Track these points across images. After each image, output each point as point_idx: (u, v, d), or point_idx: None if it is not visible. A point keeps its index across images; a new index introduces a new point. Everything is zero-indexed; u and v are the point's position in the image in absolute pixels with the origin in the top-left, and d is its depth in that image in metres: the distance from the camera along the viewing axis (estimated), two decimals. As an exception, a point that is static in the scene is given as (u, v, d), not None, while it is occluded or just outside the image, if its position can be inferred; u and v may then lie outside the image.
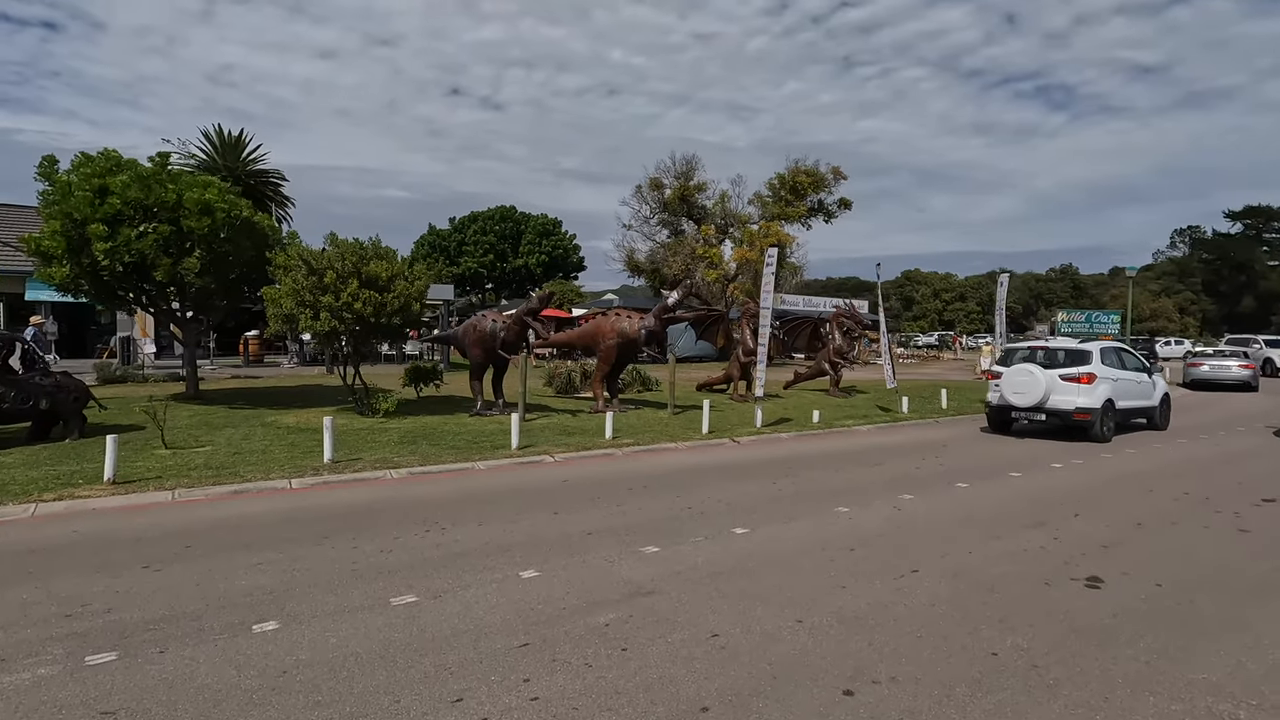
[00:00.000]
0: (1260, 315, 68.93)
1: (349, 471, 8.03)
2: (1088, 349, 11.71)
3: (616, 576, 4.75)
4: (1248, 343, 32.46)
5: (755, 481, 7.94)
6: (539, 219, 50.31)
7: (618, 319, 14.03)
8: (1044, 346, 12.25)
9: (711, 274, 31.97)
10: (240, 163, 45.18)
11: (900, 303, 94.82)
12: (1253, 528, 6.24)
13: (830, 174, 34.82)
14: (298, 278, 11.26)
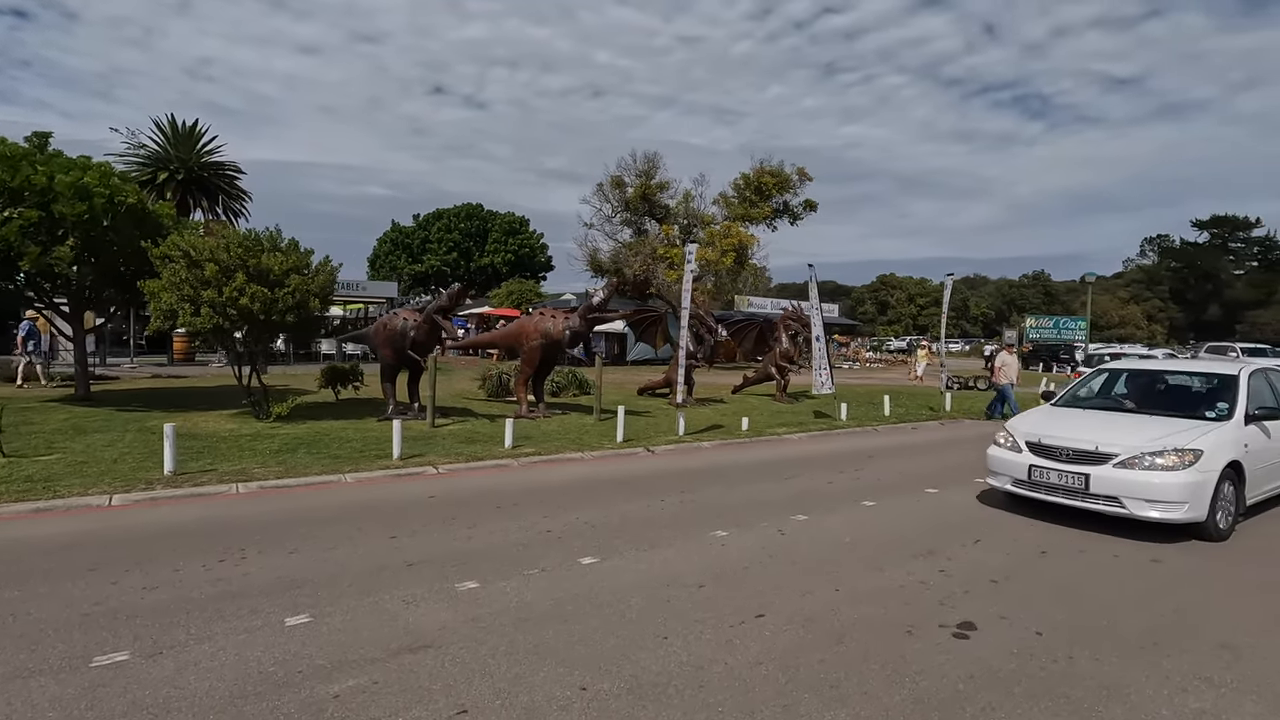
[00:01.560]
0: (1226, 323, 69.69)
1: (190, 485, 7.16)
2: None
3: (401, 624, 3.97)
4: (1225, 350, 32.24)
5: (644, 499, 7.19)
6: (505, 217, 49.33)
7: (541, 319, 13.26)
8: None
9: (672, 274, 31.24)
10: (194, 154, 43.75)
11: (875, 307, 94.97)
12: (1165, 558, 5.61)
13: (795, 175, 34.31)
14: (177, 270, 10.35)
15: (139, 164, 38.93)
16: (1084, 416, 7.16)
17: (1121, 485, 5.94)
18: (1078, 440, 6.34)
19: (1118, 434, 6.33)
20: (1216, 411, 6.70)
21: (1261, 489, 6.73)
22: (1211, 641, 4.00)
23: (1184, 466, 5.82)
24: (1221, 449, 6.08)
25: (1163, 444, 6.00)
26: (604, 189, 33.91)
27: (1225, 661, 3.75)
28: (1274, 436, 6.72)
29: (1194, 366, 7.79)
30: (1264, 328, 64.16)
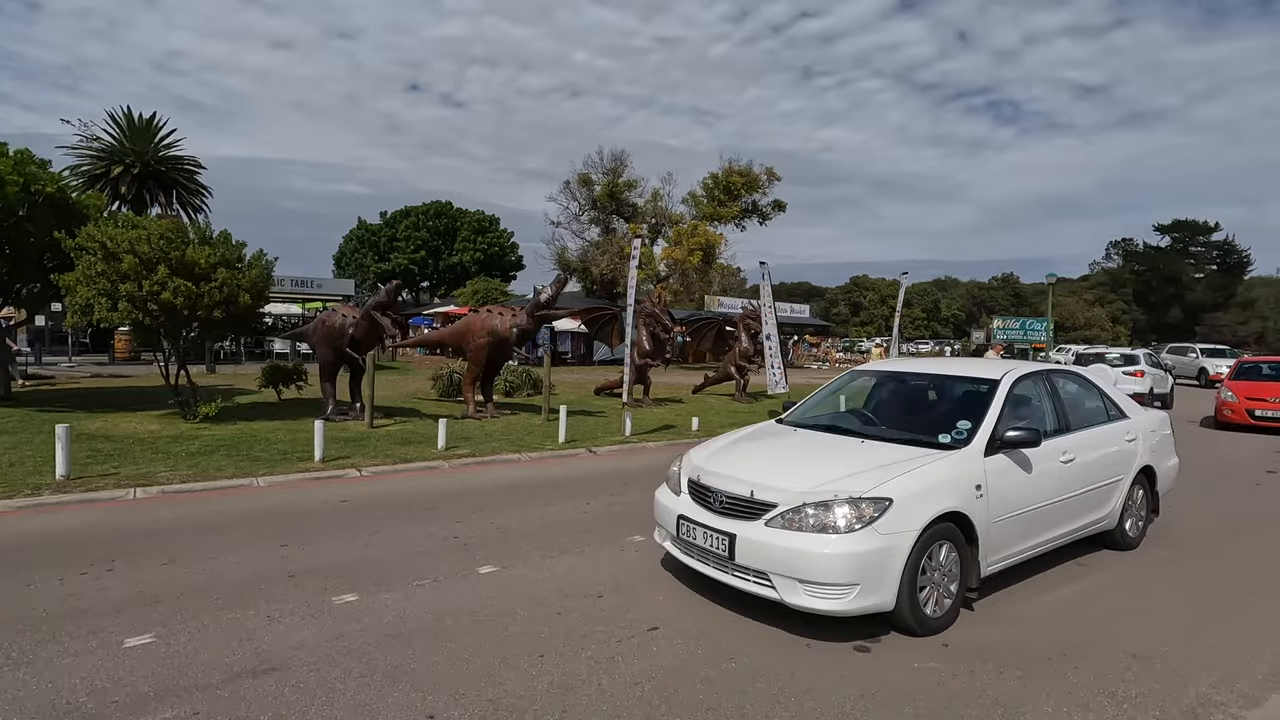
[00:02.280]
0: (1186, 326, 71.30)
1: (82, 490, 6.69)
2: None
3: (254, 644, 3.61)
4: (1185, 351, 32.88)
5: (570, 501, 6.89)
6: (475, 215, 48.68)
7: (489, 316, 12.88)
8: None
9: (640, 273, 31.02)
10: (150, 148, 42.50)
11: (849, 308, 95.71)
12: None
13: (764, 175, 34.29)
14: (93, 263, 9.81)
15: (93, 157, 37.67)
16: (785, 441, 5.02)
17: (769, 554, 3.83)
18: (737, 479, 4.21)
19: (793, 470, 4.25)
20: (954, 435, 4.51)
21: (1011, 550, 4.48)
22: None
23: (858, 525, 3.73)
24: (927, 495, 3.93)
25: (834, 489, 3.87)
26: (571, 187, 33.56)
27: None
28: (1038, 470, 4.60)
29: (955, 369, 5.59)
30: (1222, 329, 65.80)
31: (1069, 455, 4.89)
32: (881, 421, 5.32)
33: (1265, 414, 13.46)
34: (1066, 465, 4.86)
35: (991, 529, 4.26)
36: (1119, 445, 5.50)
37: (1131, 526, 5.70)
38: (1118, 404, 5.80)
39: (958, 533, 4.12)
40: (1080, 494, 5.01)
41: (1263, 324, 69.88)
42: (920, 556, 3.89)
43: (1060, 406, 5.23)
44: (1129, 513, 5.64)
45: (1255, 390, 13.91)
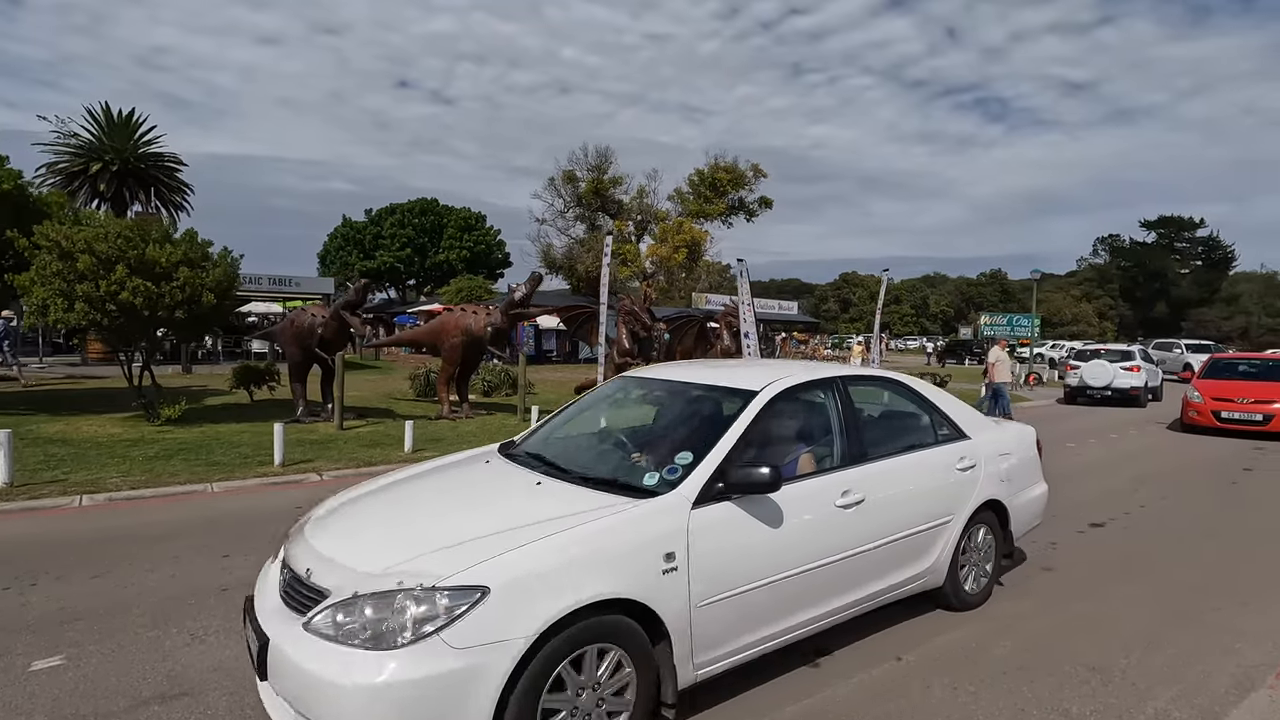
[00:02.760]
0: (1172, 321, 71.82)
1: (24, 498, 6.46)
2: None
3: (170, 666, 3.43)
4: (1171, 347, 32.86)
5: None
6: (461, 212, 48.32)
7: (462, 315, 12.68)
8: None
9: (625, 270, 30.84)
10: (130, 145, 41.98)
11: (838, 305, 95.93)
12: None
13: (750, 171, 34.18)
14: (48, 262, 9.53)
15: (70, 154, 37.17)
16: (447, 481, 3.63)
17: (294, 680, 2.44)
18: (312, 547, 2.87)
19: (386, 532, 2.95)
20: (665, 474, 3.14)
21: (726, 647, 3.05)
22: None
23: (414, 636, 2.31)
24: (560, 577, 2.53)
25: (409, 569, 2.48)
26: (556, 183, 33.33)
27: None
28: (797, 521, 3.28)
29: (723, 377, 3.98)
30: (1208, 325, 66.28)
31: (854, 496, 3.50)
32: (635, 443, 3.88)
33: (1232, 416, 12.42)
34: (851, 510, 3.48)
35: (699, 618, 2.84)
36: (946, 476, 4.14)
37: (972, 580, 4.34)
38: (952, 420, 4.41)
39: (634, 632, 2.65)
40: (876, 547, 3.62)
41: (1247, 319, 70.47)
42: (540, 686, 2.40)
43: (853, 428, 3.79)
44: (967, 562, 4.31)
45: (1223, 390, 12.91)
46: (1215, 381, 13.50)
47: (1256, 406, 12.32)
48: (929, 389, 4.53)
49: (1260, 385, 12.83)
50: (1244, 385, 12.93)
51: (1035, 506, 4.97)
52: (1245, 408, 12.38)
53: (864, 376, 4.51)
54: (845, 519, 3.50)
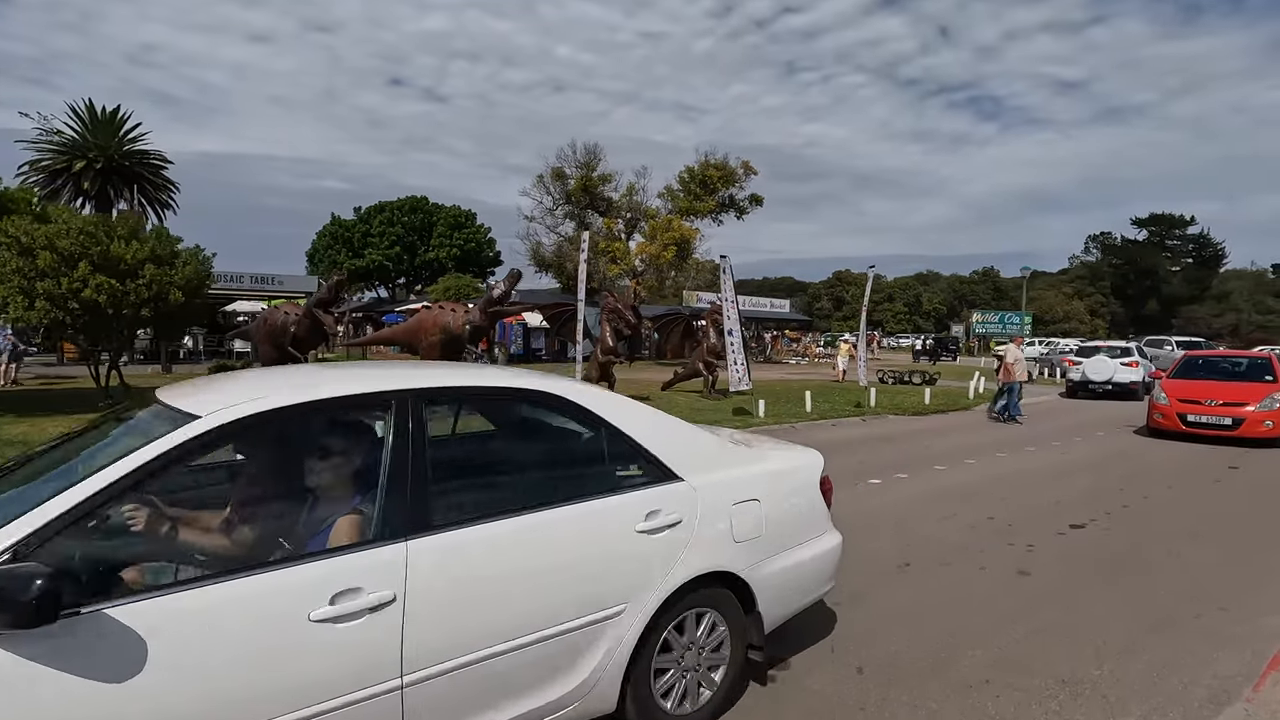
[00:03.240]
0: (1163, 318, 72.08)
1: (-31, 503, 6.21)
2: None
3: None
4: (1162, 344, 32.61)
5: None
6: (451, 210, 48.00)
7: (440, 312, 12.45)
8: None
9: (614, 269, 30.63)
10: (114, 142, 41.52)
11: (831, 303, 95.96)
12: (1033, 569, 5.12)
13: (740, 168, 33.99)
14: (7, 258, 9.28)
15: (54, 152, 36.69)
16: None
17: None
18: None
19: None
20: None
21: None
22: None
23: None
24: None
25: None
26: (544, 180, 33.08)
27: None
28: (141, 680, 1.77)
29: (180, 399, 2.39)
30: (1198, 322, 66.51)
31: (369, 596, 2.10)
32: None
33: (1199, 420, 11.17)
34: (360, 621, 2.08)
35: None
36: (612, 542, 2.71)
37: (681, 697, 2.89)
38: (650, 454, 2.92)
39: None
40: (424, 678, 2.20)
41: (1237, 316, 70.74)
42: None
43: (412, 477, 2.33)
44: (673, 668, 2.87)
45: (1191, 390, 11.66)
46: (1185, 381, 12.29)
47: (1226, 409, 11.07)
48: (616, 406, 2.99)
49: (1233, 386, 11.68)
50: (1215, 386, 11.75)
51: (813, 572, 3.43)
52: (1214, 410, 11.15)
53: (466, 390, 2.89)
54: (342, 637, 2.06)
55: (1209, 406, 11.24)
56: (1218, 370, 12.79)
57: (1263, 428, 10.79)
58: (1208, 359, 13.59)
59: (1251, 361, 12.74)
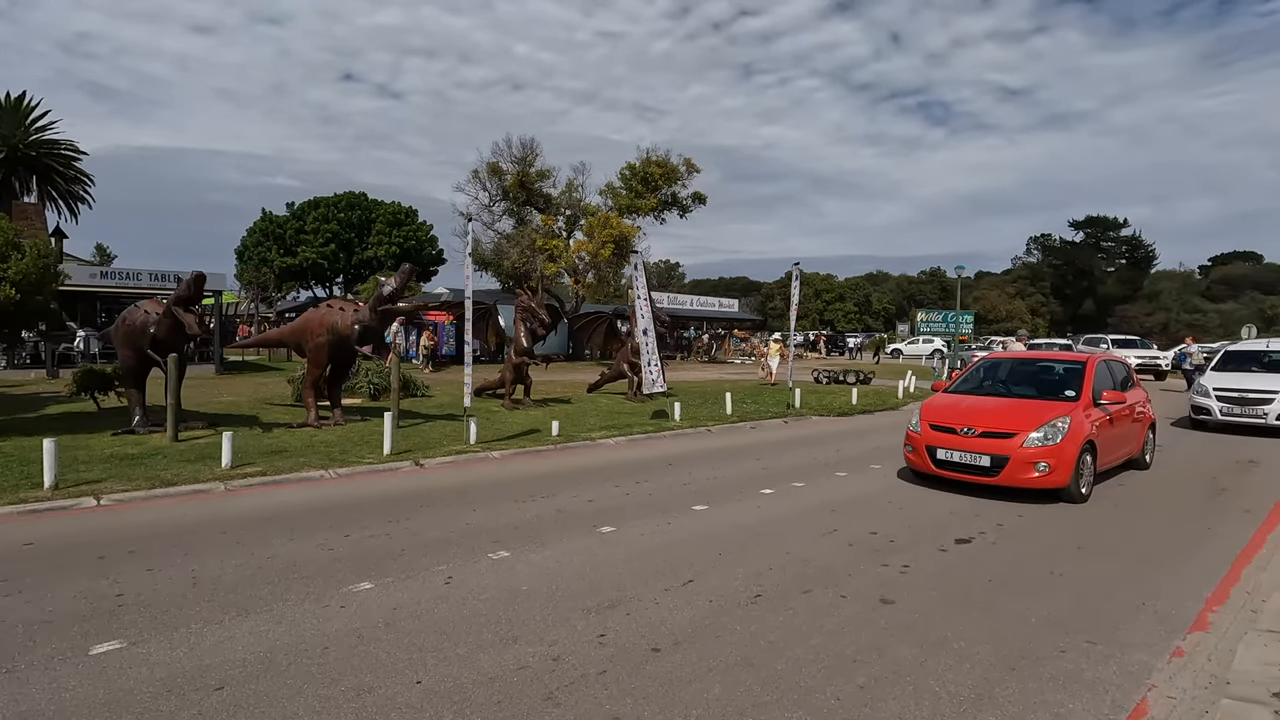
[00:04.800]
0: (1099, 317, 74.48)
1: None
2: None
3: None
4: (1098, 342, 33.31)
5: (314, 538, 5.66)
6: (390, 207, 46.33)
7: (329, 312, 11.53)
8: None
9: (552, 267, 29.79)
10: (19, 131, 38.92)
11: (784, 302, 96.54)
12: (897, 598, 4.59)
13: (683, 166, 33.49)
14: None
15: None
16: None
17: None
18: None
19: None
20: None
21: None
22: None
23: None
24: None
25: None
26: (480, 176, 32.00)
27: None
28: None
29: None
30: (1131, 321, 68.89)
31: None
32: None
33: (949, 458, 7.32)
34: None
35: None
36: None
37: None
38: None
39: None
40: None
41: (1167, 315, 73.50)
42: None
43: None
44: None
45: (952, 413, 7.73)
46: (955, 399, 8.36)
47: (985, 443, 7.14)
48: None
49: (1016, 405, 7.72)
50: (992, 405, 7.84)
51: None
52: (969, 443, 7.25)
53: None
54: None
55: (964, 438, 7.31)
56: (1022, 379, 8.80)
57: (1032, 473, 6.85)
58: (1019, 363, 9.41)
59: (1068, 367, 8.65)
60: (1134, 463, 8.88)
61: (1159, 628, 4.10)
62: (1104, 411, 7.75)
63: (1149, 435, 9.13)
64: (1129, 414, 8.45)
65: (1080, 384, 7.92)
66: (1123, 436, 8.28)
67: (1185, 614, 4.31)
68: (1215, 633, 4.03)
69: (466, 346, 10.18)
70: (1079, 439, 7.07)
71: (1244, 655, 3.68)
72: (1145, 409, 9.05)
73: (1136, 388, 9.24)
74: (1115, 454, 8.11)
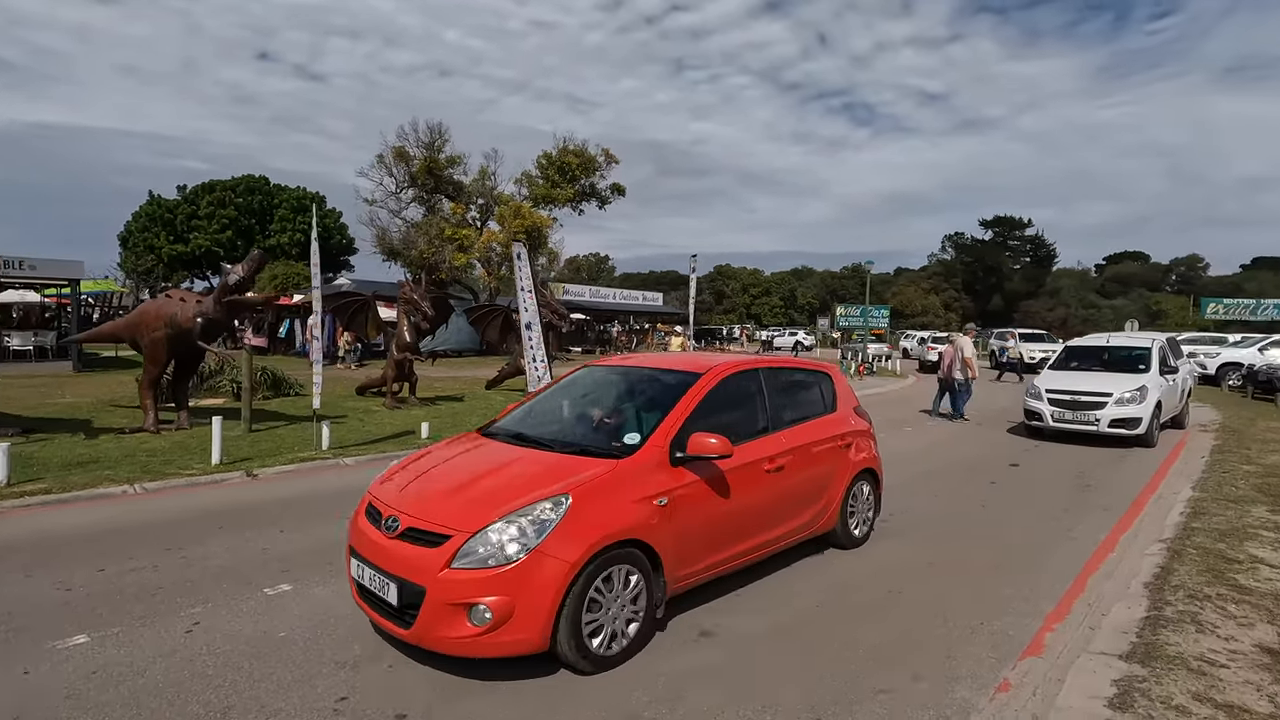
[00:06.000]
0: (1006, 312, 78.37)
1: None
2: None
3: None
4: (1006, 336, 34.46)
5: (49, 576, 4.74)
6: (294, 192, 43.61)
7: (167, 303, 10.28)
8: None
9: (461, 257, 28.56)
10: None
11: (712, 296, 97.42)
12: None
13: (602, 156, 32.80)
14: None
15: None
16: None
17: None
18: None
19: None
20: None
21: None
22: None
23: None
24: None
25: None
26: (386, 160, 30.36)
27: None
28: None
29: None
30: (1034, 316, 72.78)
31: None
32: None
33: (364, 579, 3.63)
34: None
35: None
36: None
37: None
38: None
39: None
40: None
41: (1066, 310, 78.08)
42: None
43: None
44: None
45: (405, 485, 3.94)
46: (444, 453, 4.50)
47: (400, 553, 3.47)
48: None
49: (494, 467, 4.02)
50: (457, 467, 4.11)
51: None
52: (385, 552, 3.58)
53: None
54: None
55: (384, 539, 3.63)
56: (583, 408, 5.06)
57: (463, 629, 3.25)
58: (601, 377, 5.39)
59: (655, 383, 5.02)
60: (828, 538, 5.36)
61: (991, 654, 3.74)
62: (698, 471, 4.04)
63: (862, 489, 5.51)
64: (785, 464, 4.65)
65: (659, 418, 4.16)
66: (766, 507, 4.54)
67: (1023, 635, 3.99)
68: (1049, 657, 3.71)
69: (315, 342, 9.20)
70: (584, 545, 3.38)
71: (1071, 686, 3.34)
72: (851, 448, 5.38)
73: (839, 413, 5.51)
74: (744, 540, 4.38)
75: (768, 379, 4.98)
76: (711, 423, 4.24)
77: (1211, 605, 4.30)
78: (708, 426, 4.15)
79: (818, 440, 5.10)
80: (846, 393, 5.78)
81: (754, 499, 4.41)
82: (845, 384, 5.86)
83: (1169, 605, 4.29)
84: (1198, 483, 7.83)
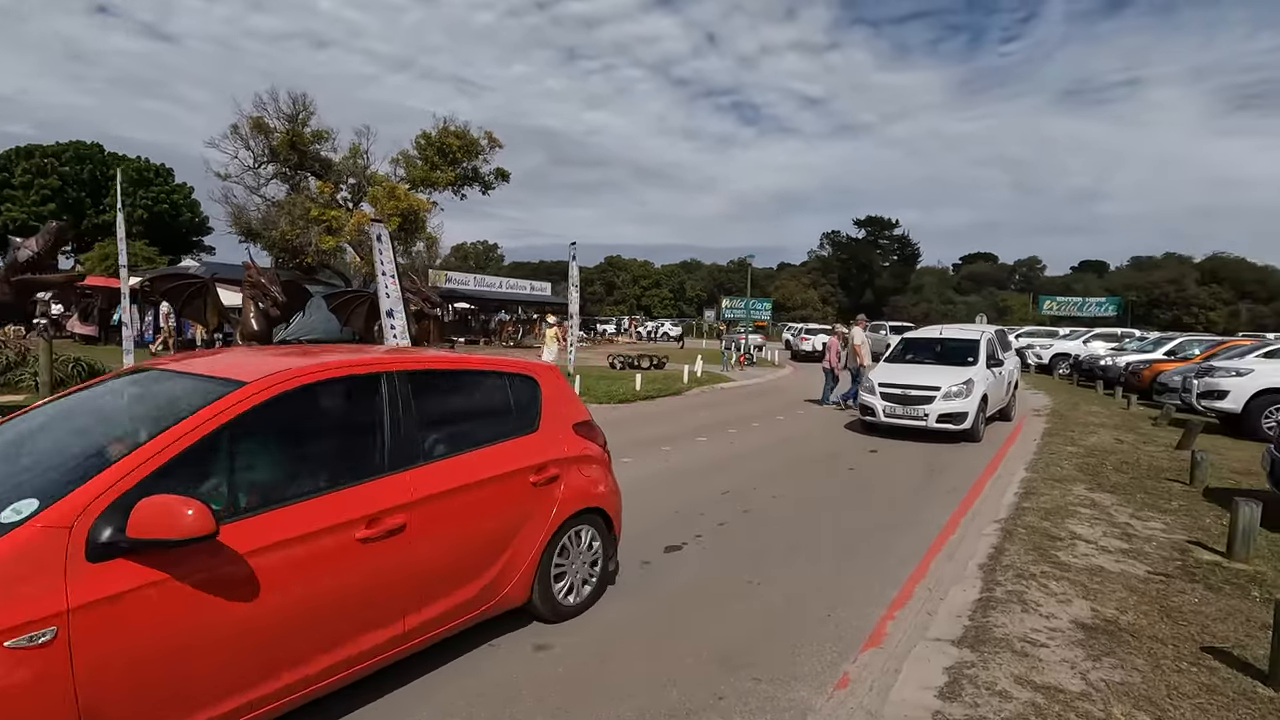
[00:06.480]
0: (876, 307, 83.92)
1: None
2: None
3: None
4: (879, 328, 36.32)
5: None
6: (135, 163, 38.97)
7: (-62, 282, 8.65)
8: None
9: (329, 240, 26.59)
10: None
11: (603, 287, 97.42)
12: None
13: (485, 140, 31.58)
14: None
15: None
16: None
17: None
18: None
19: None
20: None
21: None
22: None
23: None
24: None
25: None
26: (242, 132, 27.67)
27: None
28: None
29: None
30: (900, 311, 78.36)
31: None
32: None
33: None
34: None
35: None
36: None
37: None
38: None
39: None
40: None
41: (928, 306, 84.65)
42: None
43: None
44: None
45: None
46: None
47: None
48: None
49: None
50: None
51: None
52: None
53: None
54: None
55: None
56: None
57: None
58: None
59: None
60: (524, 609, 3.83)
61: (834, 647, 3.69)
62: (163, 566, 2.33)
63: (579, 537, 4.07)
64: (411, 521, 3.09)
65: (103, 465, 2.40)
66: (350, 601, 2.86)
67: (866, 624, 3.98)
68: (888, 647, 3.70)
69: (125, 329, 8.04)
70: None
71: (907, 678, 3.32)
72: (557, 482, 3.90)
73: (543, 432, 3.99)
74: (289, 668, 2.66)
75: (404, 389, 3.28)
76: (244, 475, 2.78)
77: (1036, 584, 4.50)
78: (232, 480, 2.72)
79: (496, 475, 3.54)
80: (564, 403, 4.21)
81: (320, 594, 2.73)
82: (564, 391, 4.27)
83: (999, 585, 4.45)
84: (1030, 464, 8.45)
